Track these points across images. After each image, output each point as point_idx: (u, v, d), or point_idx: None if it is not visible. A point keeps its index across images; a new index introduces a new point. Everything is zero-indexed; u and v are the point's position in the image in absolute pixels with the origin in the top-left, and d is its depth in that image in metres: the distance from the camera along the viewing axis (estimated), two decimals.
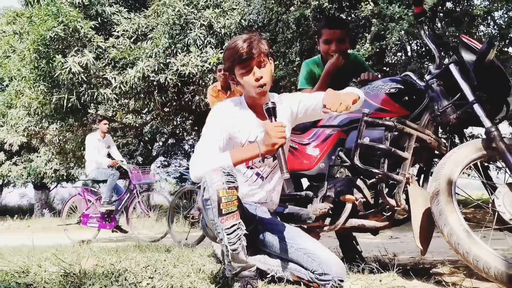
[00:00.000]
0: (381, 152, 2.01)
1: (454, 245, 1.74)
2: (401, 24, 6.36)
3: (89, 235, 6.95)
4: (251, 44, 1.91)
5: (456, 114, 2.03)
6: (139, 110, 10.96)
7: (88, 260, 2.93)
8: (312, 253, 1.91)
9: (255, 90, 1.97)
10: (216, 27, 7.52)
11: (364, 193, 2.11)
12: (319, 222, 2.17)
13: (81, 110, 8.67)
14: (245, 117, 2.05)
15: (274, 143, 1.77)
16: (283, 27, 7.25)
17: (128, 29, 8.52)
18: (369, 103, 2.21)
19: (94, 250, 3.47)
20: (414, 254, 3.18)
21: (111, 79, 7.95)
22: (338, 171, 2.27)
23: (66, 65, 7.37)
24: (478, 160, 1.94)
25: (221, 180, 1.71)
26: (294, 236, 1.99)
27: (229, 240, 1.74)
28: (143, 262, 2.77)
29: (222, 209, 1.72)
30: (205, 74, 7.27)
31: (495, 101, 2.06)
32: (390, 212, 2.07)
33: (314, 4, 6.80)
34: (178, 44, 7.66)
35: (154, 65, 7.58)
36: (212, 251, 3.04)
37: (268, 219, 2.08)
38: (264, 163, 2.11)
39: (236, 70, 1.98)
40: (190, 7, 7.62)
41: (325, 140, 2.34)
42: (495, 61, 2.02)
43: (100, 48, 8.03)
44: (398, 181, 1.97)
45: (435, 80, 2.14)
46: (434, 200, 1.83)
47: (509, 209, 1.79)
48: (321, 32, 2.77)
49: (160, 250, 3.40)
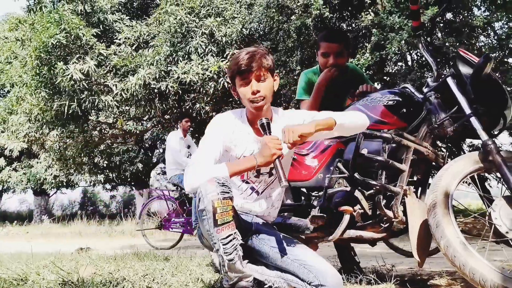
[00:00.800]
0: (379, 164, 2.02)
1: (451, 257, 1.75)
2: (401, 34, 6.40)
3: (169, 240, 6.80)
4: (253, 58, 1.94)
5: (453, 126, 2.05)
6: (140, 117, 10.99)
7: (87, 268, 2.94)
8: (308, 264, 1.91)
9: (250, 104, 2.00)
10: (217, 36, 7.56)
11: (362, 204, 2.12)
12: (317, 233, 2.19)
13: (82, 117, 8.69)
14: (243, 132, 2.07)
15: (272, 153, 1.82)
16: (284, 36, 7.29)
17: (129, 37, 8.57)
18: (367, 115, 2.23)
19: (92, 258, 3.47)
20: (412, 264, 3.19)
21: (112, 86, 7.98)
22: (336, 182, 2.28)
23: (68, 72, 7.40)
24: (475, 172, 1.95)
25: (216, 190, 1.73)
26: (290, 247, 2.00)
27: (225, 250, 1.75)
28: (142, 270, 2.77)
29: (218, 219, 1.73)
30: (206, 82, 7.30)
31: (492, 114, 2.08)
32: (387, 224, 2.08)
33: (315, 14, 6.84)
34: (179, 52, 7.70)
35: (155, 72, 7.61)
36: (210, 261, 3.05)
37: (265, 230, 2.09)
38: (259, 179, 2.12)
39: (236, 81, 2.02)
40: (191, 16, 7.67)
41: (324, 151, 2.36)
42: (492, 74, 2.05)
43: (101, 55, 8.06)
44: (396, 193, 1.99)
45: (432, 93, 2.16)
46: (431, 212, 1.84)
47: (505, 222, 1.80)
48: (320, 45, 2.80)
49: (158, 259, 3.40)
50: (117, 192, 25.20)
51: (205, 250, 5.02)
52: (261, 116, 2.03)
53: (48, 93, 8.19)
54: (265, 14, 7.34)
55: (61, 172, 13.86)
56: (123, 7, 9.98)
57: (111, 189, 21.30)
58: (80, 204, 31.71)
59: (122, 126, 10.18)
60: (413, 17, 2.19)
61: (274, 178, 2.17)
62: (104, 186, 20.70)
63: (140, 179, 17.06)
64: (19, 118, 9.86)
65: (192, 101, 8.00)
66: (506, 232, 1.78)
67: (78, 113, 8.22)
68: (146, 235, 6.69)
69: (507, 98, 2.06)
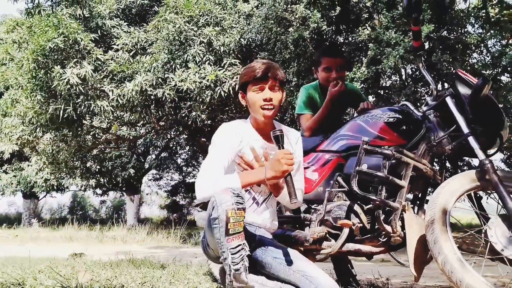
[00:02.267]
0: (378, 179, 2.07)
1: (448, 273, 1.80)
2: (397, 49, 6.50)
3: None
4: (269, 68, 2.04)
5: (452, 145, 2.11)
6: (134, 123, 10.99)
7: (85, 275, 2.95)
8: (309, 275, 1.95)
9: (259, 110, 2.06)
10: (215, 45, 7.61)
11: (361, 218, 2.16)
12: (316, 245, 2.23)
13: (77, 121, 8.68)
14: (251, 139, 2.12)
15: (283, 170, 1.87)
16: (281, 47, 7.37)
17: (127, 43, 8.60)
18: (368, 131, 2.29)
19: (88, 264, 3.47)
20: (407, 278, 3.23)
21: (109, 91, 7.99)
22: (335, 196, 2.33)
23: (65, 76, 7.41)
24: (472, 190, 2.01)
25: (231, 200, 1.77)
26: (292, 258, 2.04)
27: (233, 260, 1.79)
28: (139, 278, 2.79)
29: (230, 228, 1.78)
30: (203, 90, 7.34)
31: (489, 134, 2.14)
32: (386, 238, 2.13)
33: (313, 27, 6.94)
34: (177, 60, 7.74)
35: (152, 79, 7.64)
36: (207, 270, 3.06)
37: (267, 241, 2.13)
38: (260, 188, 2.17)
39: (249, 87, 2.08)
40: (190, 24, 7.72)
41: (324, 164, 2.40)
42: (489, 95, 2.12)
43: (99, 60, 8.08)
44: (395, 208, 2.04)
45: (431, 111, 2.22)
46: (429, 228, 1.89)
47: (501, 240, 1.85)
48: (321, 60, 2.86)
49: (155, 266, 3.41)
50: (107, 197, 25.06)
51: (200, 259, 5.04)
52: (267, 125, 2.11)
53: (44, 96, 8.19)
54: (263, 25, 7.41)
55: (52, 175, 13.77)
56: (121, 13, 10.01)
57: (101, 194, 21.19)
58: (69, 208, 31.46)
59: (115, 131, 10.15)
60: (415, 37, 2.26)
61: None
62: (94, 191, 20.59)
63: (131, 185, 17.01)
64: (13, 121, 9.81)
65: (188, 109, 8.02)
66: (502, 250, 1.84)
67: (73, 117, 8.21)
68: None
69: (504, 119, 2.13)
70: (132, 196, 17.09)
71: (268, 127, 2.16)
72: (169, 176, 22.02)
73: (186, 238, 8.53)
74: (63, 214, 29.45)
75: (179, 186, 22.24)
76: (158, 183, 22.26)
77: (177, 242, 8.19)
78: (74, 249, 6.69)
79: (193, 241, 8.13)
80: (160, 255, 5.94)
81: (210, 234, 1.94)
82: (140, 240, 8.36)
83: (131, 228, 10.27)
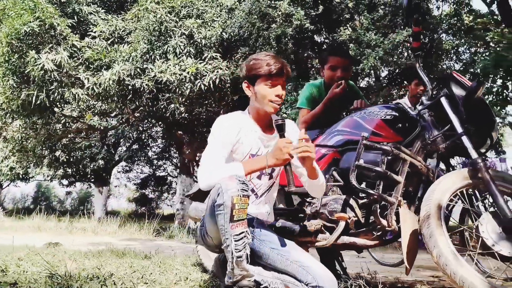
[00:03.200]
0: (376, 174, 2.13)
1: (442, 266, 1.86)
2: (376, 51, 6.63)
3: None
4: (283, 65, 2.09)
5: (445, 144, 2.19)
6: (108, 113, 10.81)
7: (68, 263, 2.91)
8: (307, 266, 1.99)
9: (270, 104, 2.09)
10: (196, 38, 7.57)
11: (356, 212, 2.21)
12: (311, 238, 2.27)
13: (49, 109, 8.46)
14: (249, 130, 2.15)
15: (285, 158, 1.91)
16: (263, 42, 7.39)
17: (104, 31, 8.43)
18: (365, 127, 2.34)
19: (70, 253, 3.42)
20: (392, 273, 3.32)
21: (84, 79, 7.82)
22: (330, 190, 2.37)
23: (39, 62, 7.22)
24: (464, 188, 2.09)
25: (236, 187, 1.80)
26: (290, 249, 2.07)
27: (236, 247, 1.81)
28: (126, 268, 2.77)
29: (234, 215, 1.80)
30: (183, 83, 7.29)
31: (481, 134, 2.23)
32: (380, 232, 2.18)
33: (296, 24, 7.00)
34: (156, 51, 7.65)
35: (131, 69, 7.53)
36: (195, 261, 3.07)
37: (265, 231, 2.15)
38: (261, 181, 2.20)
39: (260, 80, 2.09)
40: (172, 15, 7.64)
41: (320, 159, 2.44)
42: (482, 98, 2.20)
43: (75, 47, 7.90)
44: (391, 203, 2.09)
45: (426, 110, 2.30)
46: (425, 223, 1.96)
47: (491, 236, 1.94)
48: (328, 59, 2.93)
49: (138, 257, 3.39)
50: (74, 188, 24.52)
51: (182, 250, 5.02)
52: (266, 117, 2.14)
53: (16, 81, 7.96)
54: (246, 20, 7.42)
55: (19, 164, 13.38)
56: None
57: (68, 185, 20.72)
58: (33, 199, 30.64)
59: (88, 121, 9.96)
60: (414, 38, 2.32)
61: (272, 182, 2.26)
62: (60, 182, 20.12)
63: (100, 176, 16.71)
64: None
65: (167, 101, 7.94)
66: (492, 245, 1.92)
67: (46, 104, 8.00)
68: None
69: (495, 121, 2.23)
70: (100, 188, 16.79)
71: (267, 119, 2.20)
72: (139, 169, 21.76)
73: (160, 231, 8.45)
74: (27, 204, 28.65)
75: (149, 179, 22.00)
76: (128, 175, 21.94)
77: (150, 235, 8.11)
78: (44, 239, 6.54)
79: (167, 234, 8.06)
80: (136, 247, 5.89)
81: (212, 221, 1.95)
82: (111, 232, 8.23)
83: (102, 220, 10.09)
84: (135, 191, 25.32)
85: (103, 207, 16.79)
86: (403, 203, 2.15)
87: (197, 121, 9.96)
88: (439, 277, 3.41)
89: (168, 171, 22.44)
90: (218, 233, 1.96)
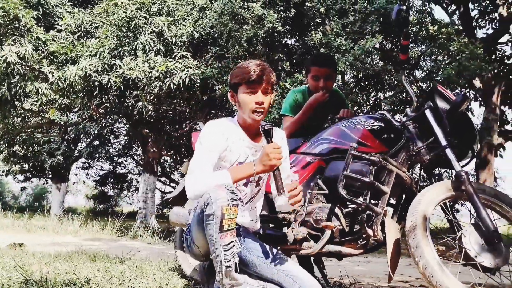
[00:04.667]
0: (364, 184, 2.15)
1: (428, 276, 1.90)
2: (346, 57, 6.73)
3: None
4: (264, 71, 2.03)
5: (429, 155, 2.24)
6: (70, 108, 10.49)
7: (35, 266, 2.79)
8: (293, 275, 1.99)
9: (250, 113, 2.06)
10: (167, 35, 7.45)
11: (341, 221, 2.23)
12: (296, 246, 2.26)
13: (10, 102, 8.13)
14: (237, 138, 2.12)
15: (272, 164, 1.92)
16: (235, 43, 7.36)
17: (71, 24, 8.18)
18: (351, 137, 2.37)
19: (38, 256, 3.28)
20: (371, 279, 3.37)
21: (48, 73, 7.57)
22: (315, 198, 2.38)
23: (2, 54, 6.92)
24: (447, 199, 2.14)
25: (226, 197, 1.77)
26: (276, 258, 2.06)
27: (225, 257, 1.79)
28: (103, 272, 2.68)
29: (224, 225, 1.77)
30: (152, 81, 7.16)
31: (463, 146, 2.30)
32: (365, 241, 2.21)
33: (268, 26, 7.01)
34: (125, 47, 7.49)
35: (98, 65, 7.34)
36: (171, 265, 3.01)
37: (251, 239, 2.13)
38: (247, 189, 2.18)
39: (241, 89, 2.06)
40: (142, 11, 7.50)
41: (305, 167, 2.45)
42: (465, 111, 2.27)
43: (39, 40, 7.63)
44: (378, 213, 2.12)
45: (411, 122, 2.34)
46: (411, 234, 1.99)
47: (474, 247, 1.99)
48: (310, 68, 2.94)
49: (111, 260, 3.30)
50: (31, 183, 23.68)
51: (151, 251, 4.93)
52: (257, 126, 2.11)
53: None
54: (218, 20, 7.36)
55: None
56: None
57: (23, 180, 19.98)
58: None
59: (50, 116, 9.64)
60: (402, 51, 2.36)
61: (259, 189, 2.25)
62: (15, 177, 19.36)
63: (59, 172, 16.19)
64: None
65: (135, 99, 7.79)
66: (475, 256, 1.97)
67: (7, 98, 7.69)
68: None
69: (476, 134, 2.30)
70: (58, 185, 16.28)
71: (255, 127, 2.18)
72: (99, 166, 21.25)
73: (123, 231, 8.28)
74: None
75: (109, 176, 21.52)
76: (87, 172, 21.37)
77: (113, 235, 7.92)
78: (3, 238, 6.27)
79: (130, 234, 7.90)
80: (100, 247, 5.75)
81: (199, 230, 1.92)
82: (73, 231, 7.98)
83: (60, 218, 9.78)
84: (94, 188, 24.72)
85: (61, 204, 16.28)
86: (387, 213, 2.18)
87: (163, 119, 9.82)
88: (408, 282, 3.51)
89: (129, 168, 22.06)
90: (205, 242, 1.93)
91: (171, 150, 14.73)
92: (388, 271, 2.10)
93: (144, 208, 11.31)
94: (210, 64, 7.57)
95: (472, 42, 8.58)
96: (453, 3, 12.00)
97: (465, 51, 7.91)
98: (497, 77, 10.71)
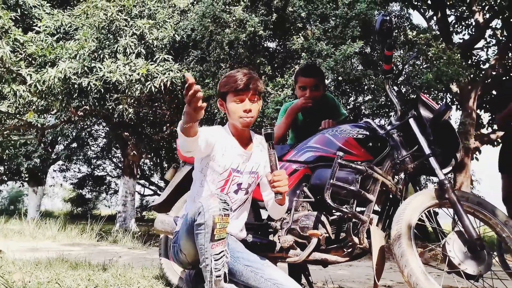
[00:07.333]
0: (350, 193, 2.17)
1: (413, 285, 1.93)
2: (328, 61, 6.78)
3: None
4: (250, 80, 2.06)
5: (414, 164, 2.27)
6: (48, 110, 10.30)
7: (17, 275, 2.73)
8: (281, 283, 2.00)
9: (239, 120, 2.09)
10: (148, 38, 7.39)
11: (327, 229, 2.25)
12: (282, 253, 2.28)
13: None
14: (229, 145, 2.15)
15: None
16: (216, 46, 7.34)
17: (50, 26, 8.04)
18: (336, 145, 2.39)
19: (18, 264, 3.21)
20: (350, 284, 3.40)
21: (27, 76, 7.42)
22: (300, 206, 2.39)
23: None
24: (431, 207, 2.18)
25: (218, 206, 1.79)
26: (263, 266, 2.07)
27: (215, 266, 1.80)
28: (86, 281, 2.64)
29: (215, 234, 1.79)
30: (133, 84, 7.08)
31: (446, 155, 2.34)
32: (351, 249, 2.23)
33: (250, 30, 7.01)
34: (105, 49, 7.40)
35: (78, 67, 7.23)
36: (155, 273, 2.99)
37: (238, 248, 2.14)
38: (237, 196, 2.20)
39: (229, 97, 2.10)
40: (123, 14, 7.42)
41: (291, 174, 2.46)
42: (448, 120, 2.31)
43: (17, 41, 7.48)
44: (363, 221, 2.15)
45: (395, 130, 2.38)
46: (397, 242, 2.02)
47: (458, 255, 2.03)
48: (298, 79, 3.02)
49: (93, 268, 3.25)
50: (7, 186, 23.17)
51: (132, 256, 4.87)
52: (244, 133, 2.15)
53: None
54: (200, 23, 7.34)
55: None
56: None
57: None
58: None
59: (28, 119, 9.45)
60: (386, 61, 2.39)
61: (247, 197, 2.26)
62: None
63: (35, 175, 15.88)
64: None
65: (115, 102, 7.69)
66: (459, 264, 2.01)
67: None
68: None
69: (459, 142, 2.34)
70: (35, 188, 15.96)
71: (245, 135, 2.21)
72: (77, 168, 20.93)
73: (102, 235, 8.16)
74: None
75: (87, 178, 21.22)
76: (64, 174, 21.02)
77: (93, 240, 7.80)
78: None
79: (110, 239, 7.80)
80: (80, 254, 5.65)
81: (188, 239, 1.93)
82: (51, 236, 7.82)
83: (37, 222, 9.58)
84: (71, 191, 24.33)
85: (37, 208, 15.97)
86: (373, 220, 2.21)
87: (144, 122, 9.74)
88: (391, 286, 3.55)
89: (108, 170, 21.79)
90: (193, 251, 1.94)
91: (151, 153, 14.61)
92: (374, 277, 2.13)
93: (124, 212, 11.18)
94: (192, 67, 7.54)
95: (450, 47, 8.76)
96: (431, 9, 12.25)
97: (443, 57, 8.07)
98: (474, 82, 10.96)
